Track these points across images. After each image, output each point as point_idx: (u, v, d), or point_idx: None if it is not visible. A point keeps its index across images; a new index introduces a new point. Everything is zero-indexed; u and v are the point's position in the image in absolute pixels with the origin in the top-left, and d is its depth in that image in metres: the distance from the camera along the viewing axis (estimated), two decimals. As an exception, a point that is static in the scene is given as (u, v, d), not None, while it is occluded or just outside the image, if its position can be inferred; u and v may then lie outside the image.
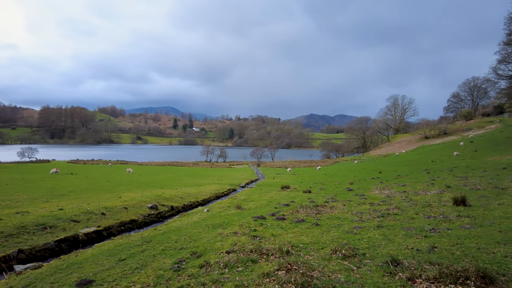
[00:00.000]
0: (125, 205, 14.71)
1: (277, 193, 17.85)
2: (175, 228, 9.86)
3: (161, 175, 35.63)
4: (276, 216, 9.86)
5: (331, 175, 33.68)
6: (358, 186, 19.17)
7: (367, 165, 46.64)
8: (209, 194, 21.12)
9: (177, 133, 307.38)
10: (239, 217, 10.45)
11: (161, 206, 15.83)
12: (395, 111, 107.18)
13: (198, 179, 32.60)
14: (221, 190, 23.30)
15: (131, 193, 18.90)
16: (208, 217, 11.43)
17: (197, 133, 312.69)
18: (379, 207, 10.46)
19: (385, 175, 26.01)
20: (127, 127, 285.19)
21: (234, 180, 32.79)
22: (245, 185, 28.68)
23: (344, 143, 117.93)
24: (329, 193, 16.44)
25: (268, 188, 22.28)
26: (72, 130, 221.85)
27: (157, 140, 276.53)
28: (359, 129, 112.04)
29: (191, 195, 19.72)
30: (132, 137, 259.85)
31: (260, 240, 7.26)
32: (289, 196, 15.92)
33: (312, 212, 10.35)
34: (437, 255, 5.43)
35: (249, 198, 16.87)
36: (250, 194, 18.86)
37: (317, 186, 21.88)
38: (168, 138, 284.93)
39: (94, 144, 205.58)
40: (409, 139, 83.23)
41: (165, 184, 25.68)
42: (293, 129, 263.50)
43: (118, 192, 19.17)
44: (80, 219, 11.98)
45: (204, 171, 47.48)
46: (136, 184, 24.70)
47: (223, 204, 15.53)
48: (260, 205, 13.39)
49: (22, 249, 9.00)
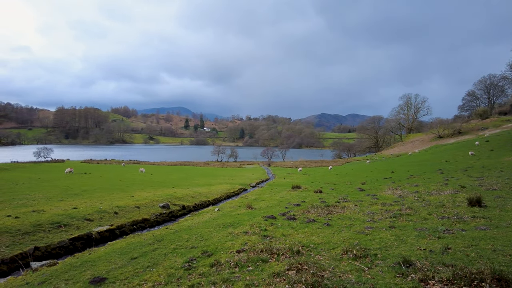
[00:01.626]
0: (138, 204, 14.92)
1: (287, 193, 17.82)
2: (186, 227, 9.96)
3: (173, 175, 35.99)
4: (287, 216, 9.85)
5: (342, 175, 33.43)
6: (370, 186, 18.98)
7: (379, 165, 46.04)
8: (220, 193, 21.20)
9: (188, 133, 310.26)
10: (249, 217, 10.48)
11: (173, 206, 15.98)
12: (408, 110, 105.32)
13: (209, 178, 32.83)
14: (231, 190, 23.36)
15: (144, 192, 19.13)
16: (219, 217, 11.50)
17: (208, 133, 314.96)
18: (391, 208, 10.34)
19: (397, 175, 25.65)
20: (139, 127, 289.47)
21: (244, 179, 32.89)
22: (255, 185, 28.70)
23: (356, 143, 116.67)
24: (340, 193, 16.32)
25: (279, 188, 22.25)
26: (86, 131, 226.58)
27: (169, 140, 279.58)
28: (371, 129, 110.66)
29: (202, 195, 19.83)
30: (144, 137, 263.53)
31: (270, 240, 7.27)
32: (300, 196, 15.87)
33: (323, 212, 10.31)
34: (450, 257, 5.33)
35: (259, 197, 16.87)
36: (261, 194, 18.87)
37: (328, 186, 21.75)
38: (180, 138, 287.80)
39: (107, 144, 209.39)
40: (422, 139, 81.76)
41: (177, 183, 25.93)
42: (304, 128, 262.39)
43: (130, 191, 19.46)
44: (94, 218, 12.22)
45: (215, 171, 47.77)
46: (149, 183, 25.00)
47: (234, 203, 15.60)
48: (270, 205, 13.39)
49: (38, 246, 9.25)
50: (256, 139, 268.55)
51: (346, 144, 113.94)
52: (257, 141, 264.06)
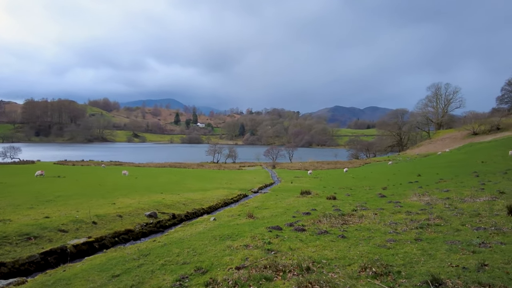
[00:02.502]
0: (120, 213, 14.99)
1: (295, 200, 17.85)
2: (177, 240, 10.00)
3: (161, 178, 36.08)
4: (295, 227, 9.89)
5: (360, 179, 33.40)
6: (393, 191, 19.00)
7: (404, 166, 45.91)
8: (216, 200, 21.30)
9: (179, 130, 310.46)
10: (251, 228, 10.52)
11: (161, 214, 16.07)
12: (437, 102, 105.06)
13: (203, 182, 32.84)
14: (230, 196, 23.47)
15: (127, 199, 19.23)
16: (215, 227, 11.55)
17: (202, 129, 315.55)
18: (418, 217, 10.34)
19: (425, 179, 25.57)
20: (122, 122, 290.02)
21: (245, 184, 32.90)
22: (258, 190, 28.73)
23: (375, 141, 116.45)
24: (357, 199, 16.36)
25: (285, 194, 22.30)
26: (59, 127, 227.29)
27: (157, 138, 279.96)
28: (393, 124, 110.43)
29: (196, 202, 19.94)
30: (128, 135, 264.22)
31: (275, 255, 7.28)
32: (310, 203, 15.91)
33: (338, 222, 10.34)
34: (487, 275, 5.31)
35: (262, 205, 16.93)
36: (264, 201, 18.93)
37: (343, 191, 21.76)
38: (169, 135, 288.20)
39: (84, 142, 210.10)
40: (454, 136, 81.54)
41: (166, 188, 26.00)
42: (314, 124, 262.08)
43: (112, 197, 19.53)
44: (69, 229, 12.27)
45: (211, 174, 47.82)
46: (133, 188, 25.09)
47: (233, 212, 15.65)
48: (275, 214, 13.44)
49: (4, 262, 9.30)
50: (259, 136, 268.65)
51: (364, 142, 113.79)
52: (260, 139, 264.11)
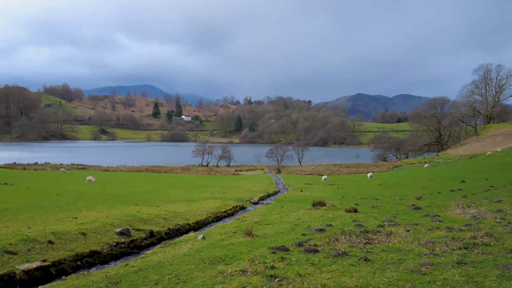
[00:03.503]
0: (83, 230, 14.94)
1: (306, 213, 17.80)
2: (156, 264, 9.96)
3: (136, 186, 36.05)
4: (305, 247, 9.83)
5: (388, 186, 33.38)
6: (430, 202, 18.93)
7: (444, 170, 45.83)
8: (205, 213, 21.26)
9: (159, 124, 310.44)
10: (249, 248, 10.49)
11: (136, 232, 16.02)
12: (487, 89, 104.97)
13: (189, 191, 32.78)
14: (223, 208, 23.44)
15: (93, 212, 19.21)
16: (203, 248, 11.51)
17: (188, 123, 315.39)
18: (461, 234, 10.26)
19: (470, 186, 25.50)
20: (86, 115, 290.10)
21: (242, 193, 32.86)
22: (258, 201, 28.73)
23: (408, 138, 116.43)
24: (385, 212, 16.32)
25: (293, 205, 22.23)
26: (6, 121, 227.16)
27: (131, 135, 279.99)
28: (431, 117, 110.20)
29: (180, 216, 19.91)
30: (93, 131, 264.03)
31: (280, 282, 7.23)
32: (324, 217, 15.87)
33: (359, 241, 10.28)
34: (551, 308, 5.27)
35: (264, 220, 16.89)
36: (267, 214, 18.85)
37: (366, 202, 21.70)
38: (146, 131, 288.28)
39: (39, 140, 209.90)
40: (507, 132, 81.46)
41: (142, 199, 25.92)
42: (331, 117, 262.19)
43: (73, 210, 19.50)
44: (18, 250, 12.23)
45: (199, 180, 47.71)
46: (100, 199, 25.06)
47: (226, 228, 15.60)
48: (280, 231, 13.39)
49: None
50: (260, 132, 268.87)
51: (394, 139, 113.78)
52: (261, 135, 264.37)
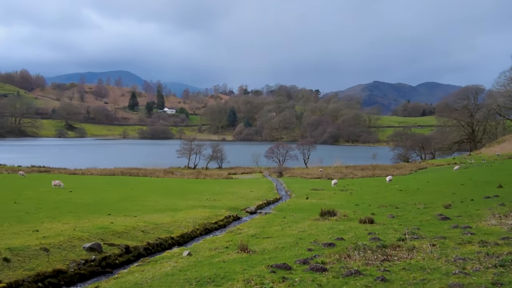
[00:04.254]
0: (46, 245, 14.83)
1: (312, 224, 17.82)
2: (132, 285, 9.97)
3: (110, 193, 35.94)
4: (311, 265, 9.84)
5: (410, 192, 33.36)
6: (460, 211, 18.94)
7: (477, 173, 45.80)
8: (192, 225, 21.20)
9: (137, 118, 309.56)
10: (244, 266, 10.49)
11: (109, 247, 15.92)
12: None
13: (173, 199, 32.70)
14: (213, 219, 23.34)
15: (57, 223, 19.08)
16: (190, 266, 11.51)
17: (172, 117, 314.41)
18: (498, 249, 10.29)
19: (509, 192, 25.51)
20: (50, 107, 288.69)
21: (236, 200, 32.81)
22: (256, 210, 28.66)
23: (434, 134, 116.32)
24: (406, 223, 16.34)
25: (298, 215, 22.23)
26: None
27: (103, 131, 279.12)
28: (462, 109, 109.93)
29: (161, 228, 19.83)
30: (58, 126, 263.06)
31: (280, 308, 7.24)
32: (334, 229, 15.88)
33: (376, 258, 10.31)
34: None
35: (263, 232, 16.91)
36: (265, 226, 18.84)
37: (385, 211, 21.71)
38: (122, 126, 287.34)
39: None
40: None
41: (116, 208, 25.82)
42: (342, 109, 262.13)
43: (34, 221, 19.36)
44: (-32, 269, 12.17)
45: (185, 185, 47.66)
46: (66, 207, 24.90)
47: (217, 243, 15.61)
48: (282, 246, 13.42)
49: None
50: (258, 128, 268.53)
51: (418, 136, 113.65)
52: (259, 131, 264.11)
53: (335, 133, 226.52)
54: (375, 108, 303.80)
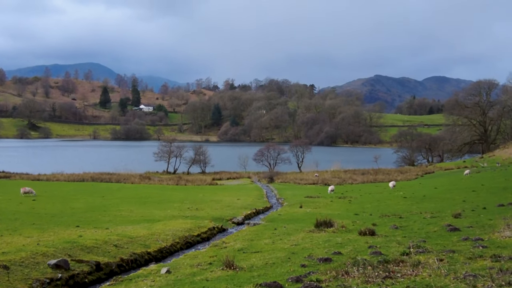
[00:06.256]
0: (5, 262, 14.68)
1: (307, 236, 17.96)
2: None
3: (78, 201, 36.19)
4: (305, 284, 9.80)
5: (416, 200, 33.77)
6: (471, 221, 19.00)
7: (491, 178, 46.46)
8: (171, 238, 21.31)
9: (109, 116, 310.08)
10: (230, 286, 10.56)
11: (77, 264, 15.85)
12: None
13: (150, 208, 33.07)
14: (195, 231, 23.52)
15: (18, 237, 19.01)
16: (168, 285, 11.61)
17: (149, 115, 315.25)
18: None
19: (525, 199, 25.63)
20: (10, 104, 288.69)
21: (222, 210, 33.27)
22: (243, 221, 29.07)
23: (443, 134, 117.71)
24: (411, 235, 16.43)
25: (290, 226, 22.44)
26: None
27: (70, 131, 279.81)
28: (473, 106, 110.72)
29: (137, 241, 19.85)
30: (20, 125, 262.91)
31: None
32: (331, 242, 16.00)
33: (377, 275, 10.26)
34: None
35: (251, 246, 17.06)
36: (254, 239, 19.09)
37: (387, 221, 21.89)
38: (92, 126, 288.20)
39: None
40: None
41: (85, 218, 25.98)
42: (341, 106, 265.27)
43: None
44: None
45: (163, 192, 48.16)
46: (28, 218, 24.88)
47: (200, 258, 15.69)
48: (272, 261, 13.47)
49: None
50: (246, 127, 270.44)
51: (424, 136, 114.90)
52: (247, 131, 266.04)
53: (333, 133, 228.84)
54: (377, 105, 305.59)
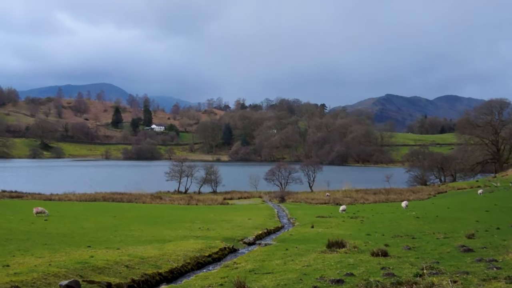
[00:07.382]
0: (17, 283, 14.70)
1: (319, 257, 17.75)
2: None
3: (89, 221, 35.84)
4: (317, 306, 9.79)
5: (429, 220, 33.33)
6: (485, 242, 18.89)
7: (504, 198, 45.74)
8: (182, 259, 21.04)
9: (120, 136, 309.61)
10: (241, 307, 10.39)
11: (88, 284, 15.68)
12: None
13: (161, 228, 32.63)
14: (206, 252, 23.26)
15: (30, 257, 18.90)
16: (179, 307, 11.37)
17: (160, 135, 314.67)
18: (528, 288, 10.22)
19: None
20: (23, 124, 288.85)
21: (233, 230, 32.82)
22: (255, 241, 28.68)
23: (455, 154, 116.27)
24: (424, 256, 16.32)
25: (302, 247, 22.15)
26: None
27: (83, 151, 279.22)
28: (485, 126, 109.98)
29: (148, 262, 19.68)
30: (33, 145, 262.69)
31: None
32: (343, 263, 15.83)
33: (390, 297, 10.22)
34: None
35: (262, 267, 16.83)
36: (265, 259, 18.80)
37: (400, 242, 21.67)
38: (104, 146, 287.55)
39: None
40: None
41: (97, 238, 25.72)
42: (352, 125, 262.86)
43: (3, 255, 19.14)
44: None
45: (174, 212, 47.52)
46: (40, 238, 24.72)
47: (211, 279, 15.49)
48: (284, 282, 13.32)
49: None
50: (256, 147, 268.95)
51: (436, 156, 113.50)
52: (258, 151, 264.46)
53: (344, 152, 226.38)
54: (388, 124, 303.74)
